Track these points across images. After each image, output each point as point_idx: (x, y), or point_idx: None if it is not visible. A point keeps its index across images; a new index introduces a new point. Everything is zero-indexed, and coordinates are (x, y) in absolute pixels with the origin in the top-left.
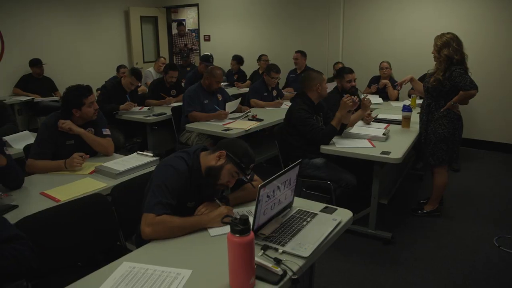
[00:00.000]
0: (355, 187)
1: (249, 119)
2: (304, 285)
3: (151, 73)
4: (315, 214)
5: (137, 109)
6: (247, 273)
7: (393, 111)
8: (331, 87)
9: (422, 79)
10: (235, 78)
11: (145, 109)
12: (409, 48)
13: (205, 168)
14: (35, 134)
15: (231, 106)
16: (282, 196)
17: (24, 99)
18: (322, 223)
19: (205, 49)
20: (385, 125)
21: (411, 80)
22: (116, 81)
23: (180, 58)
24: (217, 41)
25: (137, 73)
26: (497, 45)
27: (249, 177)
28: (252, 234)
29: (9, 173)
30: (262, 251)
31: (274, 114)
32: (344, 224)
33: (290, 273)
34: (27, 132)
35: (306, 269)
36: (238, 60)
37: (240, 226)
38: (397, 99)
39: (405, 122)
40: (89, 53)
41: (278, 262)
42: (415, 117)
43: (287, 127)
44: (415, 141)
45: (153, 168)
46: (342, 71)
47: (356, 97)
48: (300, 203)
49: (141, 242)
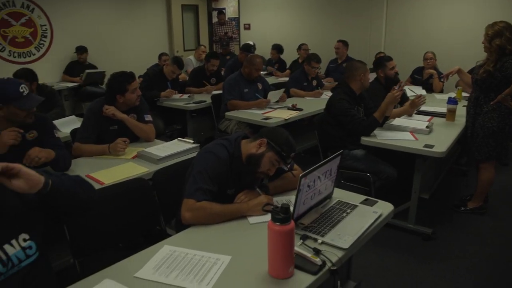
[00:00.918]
0: (395, 180)
1: (288, 109)
2: (341, 276)
3: (191, 61)
4: (355, 205)
5: (177, 96)
6: (286, 262)
7: (437, 103)
8: (371, 78)
9: (470, 72)
10: (275, 67)
11: (185, 96)
12: (455, 38)
13: (245, 155)
14: (81, 119)
15: (274, 95)
16: (322, 186)
17: (70, 85)
18: (362, 215)
19: (245, 37)
20: (428, 117)
21: (459, 71)
22: (158, 69)
23: (220, 46)
24: (257, 30)
25: (179, 62)
26: None
27: (289, 166)
28: (292, 223)
29: (57, 161)
30: (301, 241)
31: (313, 104)
32: (384, 217)
33: (329, 264)
34: (73, 117)
35: (344, 261)
36: (277, 49)
37: (281, 214)
38: (442, 91)
39: (450, 115)
40: (131, 41)
41: (317, 252)
42: (460, 110)
43: (328, 117)
44: (460, 135)
45: (193, 154)
46: (382, 60)
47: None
48: (339, 194)
49: (180, 227)
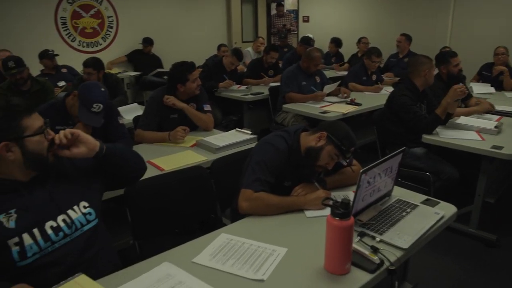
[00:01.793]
0: (456, 182)
1: (347, 103)
2: (398, 277)
3: (249, 52)
4: (416, 205)
5: (235, 87)
6: (344, 258)
7: (508, 102)
8: None
9: None
10: (333, 60)
11: (243, 87)
12: None
13: (305, 148)
14: (143, 106)
15: (328, 88)
16: (382, 183)
17: (133, 74)
18: (423, 216)
19: (303, 30)
20: (498, 117)
21: None
22: (217, 60)
23: (277, 38)
24: (316, 22)
25: (238, 54)
26: None
27: (348, 161)
28: (352, 218)
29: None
30: (358, 238)
31: (373, 99)
32: (447, 219)
33: (387, 263)
34: (135, 104)
35: (402, 261)
36: (336, 42)
37: (341, 209)
38: None
39: None
40: (191, 32)
41: (375, 250)
42: None
43: (388, 114)
44: None
45: (251, 145)
46: (446, 55)
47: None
48: (399, 192)
49: (236, 216)
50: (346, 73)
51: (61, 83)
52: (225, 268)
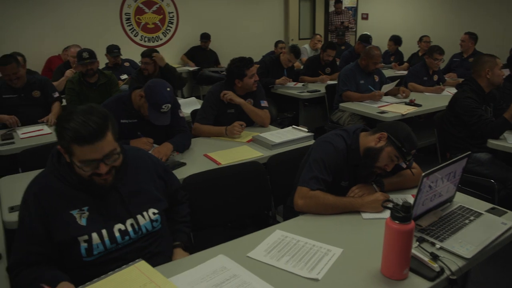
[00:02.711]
0: None
1: (406, 104)
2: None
3: (306, 49)
4: (480, 213)
5: (291, 84)
6: (402, 263)
7: None
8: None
9: None
10: (392, 59)
11: (300, 85)
12: None
13: (364, 148)
14: (200, 101)
15: (386, 88)
16: (444, 188)
17: (191, 68)
18: (488, 225)
19: (362, 28)
20: None
21: None
22: (274, 56)
23: (335, 36)
24: (375, 20)
25: (296, 51)
26: None
27: (408, 163)
28: (412, 223)
29: (177, 146)
30: (417, 243)
31: (433, 100)
32: None
33: (447, 272)
34: (193, 98)
35: (464, 272)
36: (396, 40)
37: (401, 213)
38: None
39: None
40: (249, 29)
41: (434, 257)
42: None
43: (450, 116)
44: None
45: (307, 143)
46: None
47: None
48: (461, 199)
49: (289, 213)
50: (405, 72)
51: (123, 76)
52: (279, 264)
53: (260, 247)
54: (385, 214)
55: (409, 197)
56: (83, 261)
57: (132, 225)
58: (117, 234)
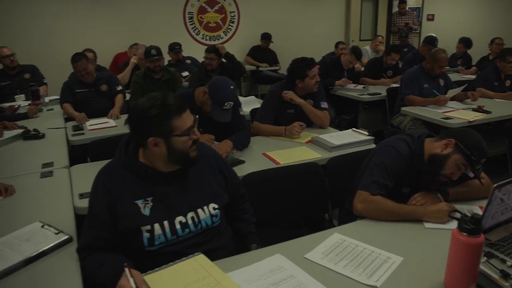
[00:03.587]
0: None
1: (473, 110)
2: None
3: (367, 51)
4: None
5: (352, 86)
6: (468, 278)
7: None
8: None
9: None
10: (459, 63)
11: (360, 87)
12: None
13: (428, 155)
14: (260, 100)
15: (452, 93)
16: None
17: (250, 68)
18: None
19: (427, 29)
20: None
21: None
22: (335, 57)
23: (398, 37)
24: (441, 21)
25: (357, 52)
26: None
27: (476, 173)
28: (482, 236)
29: (237, 145)
30: (485, 258)
31: (504, 107)
32: None
33: None
34: (253, 97)
35: None
36: (466, 43)
37: (470, 224)
38: None
39: None
40: (309, 29)
41: (505, 275)
42: None
43: None
44: None
45: (366, 146)
46: None
47: None
48: None
49: (346, 217)
50: (472, 77)
51: (185, 73)
52: (337, 268)
53: (317, 249)
54: (450, 224)
55: (475, 209)
56: (145, 250)
57: (192, 218)
58: (178, 226)
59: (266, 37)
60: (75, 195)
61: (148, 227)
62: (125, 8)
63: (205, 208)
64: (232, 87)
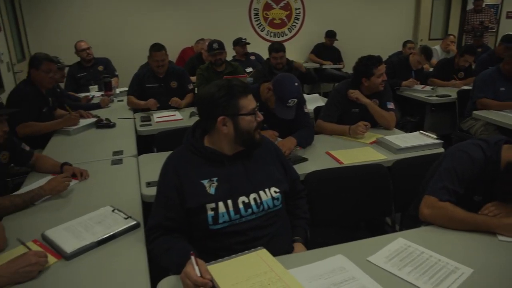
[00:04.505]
0: None
1: None
2: None
3: (437, 51)
4: None
5: (419, 87)
6: None
7: None
8: None
9: None
10: None
11: (428, 88)
12: None
13: (506, 162)
14: (324, 98)
15: None
16: None
17: (313, 66)
18: None
19: (506, 28)
20: None
21: None
22: (403, 57)
23: (471, 37)
24: None
25: (428, 53)
26: None
27: None
28: None
29: (301, 142)
30: None
31: None
32: None
33: None
34: (317, 95)
35: None
36: None
37: None
38: None
39: None
40: (374, 27)
41: None
42: None
43: None
44: None
45: (434, 150)
46: None
47: None
48: None
49: (410, 222)
50: None
51: (248, 69)
52: (401, 274)
53: (381, 253)
54: None
55: None
56: (209, 229)
57: (255, 199)
58: (241, 205)
59: (330, 35)
60: (143, 183)
61: (212, 205)
62: (193, 4)
63: (267, 190)
64: (296, 84)
